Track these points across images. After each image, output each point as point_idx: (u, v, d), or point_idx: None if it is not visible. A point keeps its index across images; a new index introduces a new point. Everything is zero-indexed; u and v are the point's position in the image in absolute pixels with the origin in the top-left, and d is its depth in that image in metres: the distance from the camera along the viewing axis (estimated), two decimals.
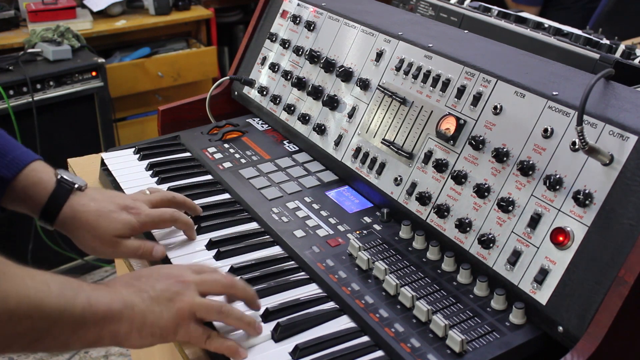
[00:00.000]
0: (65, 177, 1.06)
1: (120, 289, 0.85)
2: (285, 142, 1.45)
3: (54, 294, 0.76)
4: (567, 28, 1.38)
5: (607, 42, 1.29)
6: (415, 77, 1.18)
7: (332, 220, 1.15)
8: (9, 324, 0.72)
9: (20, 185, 1.04)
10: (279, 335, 0.92)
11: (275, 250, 1.12)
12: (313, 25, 1.46)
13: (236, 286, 0.94)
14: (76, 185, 1.06)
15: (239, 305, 0.95)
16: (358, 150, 1.24)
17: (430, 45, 1.19)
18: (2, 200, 1.05)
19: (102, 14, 3.34)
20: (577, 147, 0.91)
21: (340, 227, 1.13)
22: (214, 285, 0.92)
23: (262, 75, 1.56)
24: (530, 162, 0.96)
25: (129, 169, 1.38)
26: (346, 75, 1.31)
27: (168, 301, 0.87)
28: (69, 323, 0.78)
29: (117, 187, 1.32)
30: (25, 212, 1.07)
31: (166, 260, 1.09)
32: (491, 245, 0.97)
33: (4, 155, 1.03)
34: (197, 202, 1.24)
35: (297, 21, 1.50)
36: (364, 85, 1.27)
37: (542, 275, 0.90)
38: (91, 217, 1.04)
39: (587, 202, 0.88)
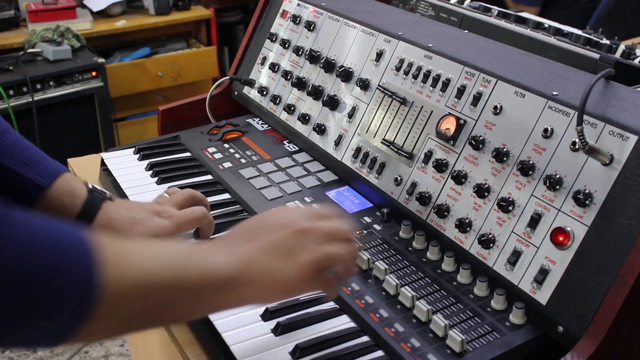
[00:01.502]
0: (96, 186, 1.07)
1: (238, 247, 0.79)
2: (285, 142, 1.45)
3: (169, 268, 0.72)
4: (567, 28, 1.38)
5: (607, 42, 1.29)
6: (415, 77, 1.18)
7: None
8: (124, 307, 0.68)
9: (54, 193, 1.04)
10: (278, 334, 0.92)
11: None
12: (313, 25, 1.46)
13: (355, 248, 0.86)
14: (107, 195, 1.07)
15: None
16: (358, 150, 1.24)
17: (430, 45, 1.19)
18: (34, 210, 1.05)
19: (102, 14, 3.34)
20: (577, 147, 0.91)
21: None
22: (334, 235, 0.84)
23: (262, 75, 1.56)
24: (530, 162, 0.96)
25: (129, 169, 1.38)
26: (346, 75, 1.31)
27: (290, 254, 0.79)
28: (189, 295, 0.73)
29: (117, 187, 1.32)
30: None
31: None
32: (491, 245, 0.97)
33: (38, 163, 1.04)
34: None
35: (297, 21, 1.50)
36: (364, 85, 1.27)
37: (542, 275, 0.90)
38: (126, 223, 1.03)
39: (587, 202, 0.88)
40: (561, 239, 0.89)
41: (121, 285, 0.67)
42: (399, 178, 1.15)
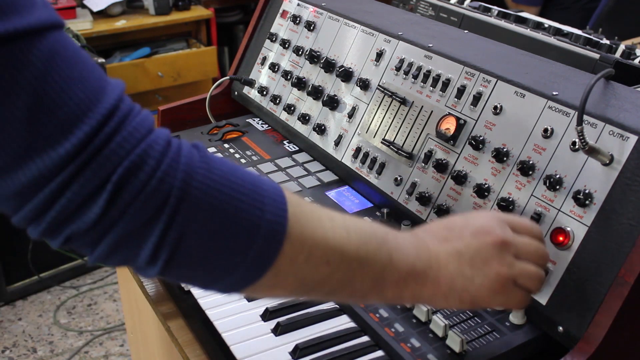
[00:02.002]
0: None
1: (430, 244, 0.76)
2: (285, 142, 1.45)
3: (354, 243, 0.69)
4: (567, 28, 1.38)
5: (607, 42, 1.29)
6: (415, 77, 1.18)
7: None
8: (306, 267, 0.66)
9: None
10: (278, 334, 0.92)
11: None
12: (313, 25, 1.46)
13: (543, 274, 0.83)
14: None
15: None
16: (358, 150, 1.24)
17: (430, 45, 1.19)
18: None
19: (102, 14, 3.34)
20: (577, 147, 0.91)
21: None
22: (533, 256, 0.81)
23: (262, 75, 1.56)
24: (530, 162, 0.96)
25: None
26: (346, 75, 1.31)
27: (483, 264, 0.76)
28: (368, 277, 0.71)
29: None
30: None
31: None
32: None
33: None
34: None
35: (297, 21, 1.50)
36: (364, 85, 1.27)
37: None
38: None
39: (587, 202, 0.88)
40: (561, 239, 0.89)
41: (308, 241, 0.66)
42: (399, 178, 1.15)
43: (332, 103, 1.32)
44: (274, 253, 0.64)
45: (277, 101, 1.47)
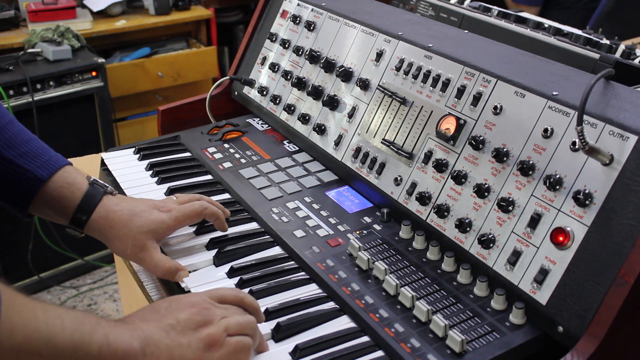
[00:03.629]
0: (97, 180, 1.08)
1: (140, 325, 0.79)
2: (285, 142, 1.45)
3: (68, 329, 0.70)
4: (567, 28, 1.38)
5: (607, 42, 1.29)
6: (415, 77, 1.18)
7: (332, 220, 1.15)
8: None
9: (54, 185, 1.04)
10: (279, 335, 0.92)
11: (275, 251, 1.12)
12: (313, 25, 1.46)
13: (245, 299, 0.91)
14: (108, 189, 1.07)
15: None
16: (358, 150, 1.24)
17: (430, 45, 1.19)
18: (33, 202, 1.05)
19: (102, 14, 3.34)
20: (577, 147, 0.91)
21: (340, 227, 1.13)
22: (228, 300, 0.89)
23: (262, 75, 1.56)
24: (530, 162, 0.96)
25: (129, 169, 1.38)
26: (346, 75, 1.31)
27: (194, 330, 0.81)
28: None
29: (117, 187, 1.32)
30: (55, 216, 1.07)
31: None
32: (491, 245, 0.97)
33: (39, 156, 1.04)
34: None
35: (297, 21, 1.50)
36: (364, 85, 1.27)
37: (542, 275, 0.90)
38: (124, 216, 1.04)
39: (587, 202, 0.88)
40: (561, 239, 0.89)
41: (18, 338, 0.65)
42: (399, 178, 1.15)
43: (332, 103, 1.32)
44: None
45: (277, 101, 1.47)
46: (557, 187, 0.92)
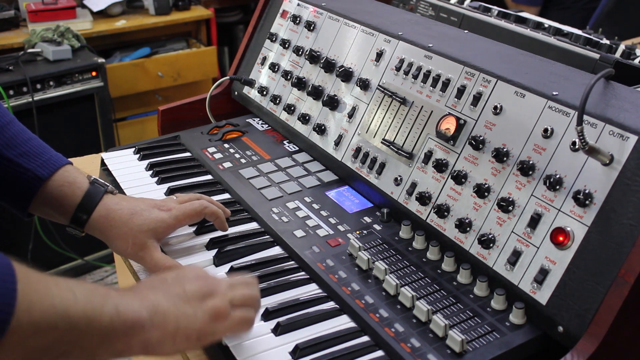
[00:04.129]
0: (98, 179, 1.08)
1: (148, 294, 0.80)
2: (285, 142, 1.45)
3: (81, 302, 0.71)
4: (567, 28, 1.38)
5: (607, 42, 1.29)
6: (415, 77, 1.18)
7: (332, 220, 1.15)
8: (34, 338, 0.67)
9: (55, 184, 1.04)
10: (278, 334, 0.92)
11: (275, 250, 1.12)
12: (313, 25, 1.46)
13: (258, 302, 0.92)
14: (109, 188, 1.08)
15: None
16: (358, 150, 1.24)
17: (430, 45, 1.19)
18: (33, 201, 1.05)
19: (102, 14, 3.34)
20: (577, 147, 0.91)
21: (340, 227, 1.13)
22: (245, 297, 0.89)
23: (262, 75, 1.56)
24: (530, 162, 0.96)
25: (129, 169, 1.38)
26: (346, 75, 1.31)
27: (200, 301, 0.83)
28: (96, 333, 0.73)
29: (117, 187, 1.32)
30: (55, 215, 1.07)
31: None
32: (491, 245, 0.97)
33: (39, 155, 1.05)
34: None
35: (297, 21, 1.50)
36: (364, 85, 1.27)
37: (542, 275, 0.90)
38: (125, 214, 1.04)
39: (587, 202, 0.88)
40: (561, 239, 0.89)
41: (36, 313, 0.66)
42: (399, 178, 1.15)
43: (332, 103, 1.32)
44: (1, 334, 0.63)
45: (277, 101, 1.47)
46: (557, 187, 0.92)
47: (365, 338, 0.92)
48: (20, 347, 0.66)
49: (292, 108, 1.43)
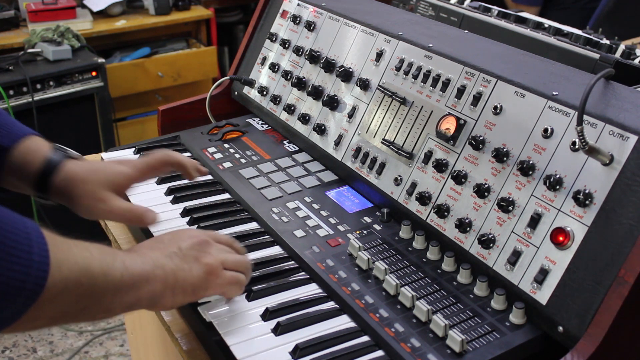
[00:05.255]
0: (64, 147, 1.09)
1: (148, 252, 0.88)
2: (285, 142, 1.45)
3: (97, 259, 0.78)
4: (567, 28, 1.38)
5: (607, 42, 1.29)
6: (415, 77, 1.18)
7: (332, 220, 1.15)
8: (64, 293, 0.73)
9: (18, 153, 1.05)
10: (278, 334, 0.92)
11: (275, 250, 1.12)
12: (313, 25, 1.46)
13: (234, 244, 0.99)
14: (72, 154, 1.08)
15: None
16: (358, 150, 1.24)
17: (430, 45, 1.19)
18: (2, 173, 1.06)
19: (102, 14, 3.34)
20: (577, 147, 0.91)
21: (340, 227, 1.14)
22: (224, 242, 0.97)
23: (262, 75, 1.56)
24: (530, 162, 0.96)
25: None
26: (346, 75, 1.31)
27: (195, 259, 0.90)
28: (111, 287, 0.79)
29: None
30: (21, 185, 1.07)
31: None
32: (491, 245, 0.97)
33: (3, 126, 1.05)
34: (197, 202, 1.24)
35: (297, 21, 1.50)
36: (364, 85, 1.27)
37: (542, 275, 0.90)
38: (84, 173, 1.04)
39: (587, 202, 0.88)
40: (561, 239, 0.89)
41: (65, 271, 0.73)
42: (399, 178, 1.15)
43: (332, 103, 1.32)
44: (39, 292, 0.69)
45: (277, 101, 1.47)
46: (557, 187, 0.92)
47: (365, 338, 0.92)
48: (52, 303, 0.72)
49: (292, 108, 1.43)
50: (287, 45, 1.51)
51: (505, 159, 1.00)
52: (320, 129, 1.34)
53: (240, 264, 0.96)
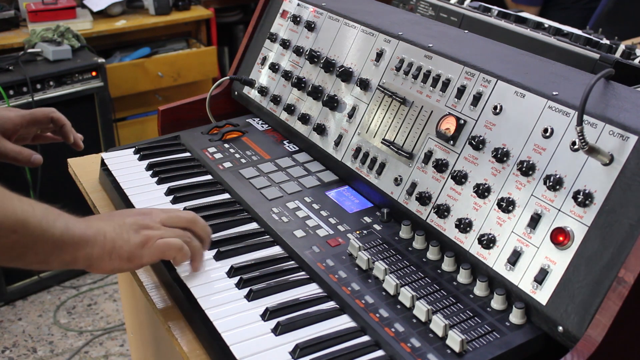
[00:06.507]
0: None
1: (94, 221, 0.96)
2: (285, 142, 1.45)
3: (38, 215, 0.86)
4: (567, 28, 1.39)
5: (607, 42, 1.29)
6: (415, 77, 1.18)
7: (332, 220, 1.15)
8: None
9: None
10: (278, 334, 0.92)
11: (275, 250, 1.12)
12: (313, 25, 1.46)
13: (197, 222, 1.06)
14: None
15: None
16: (358, 150, 1.24)
17: (430, 45, 1.19)
18: None
19: (102, 14, 3.34)
20: (577, 147, 0.91)
21: (340, 227, 1.14)
22: (177, 220, 1.04)
23: (262, 75, 1.56)
24: (530, 162, 0.96)
25: (129, 169, 1.38)
26: (346, 75, 1.31)
27: (136, 230, 0.98)
28: (49, 242, 0.87)
29: (117, 187, 1.32)
30: None
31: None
32: (491, 245, 0.97)
33: None
34: (197, 202, 1.24)
35: (297, 21, 1.50)
36: (364, 85, 1.27)
37: (542, 275, 0.90)
38: None
39: (587, 202, 0.88)
40: (561, 239, 0.89)
41: None
42: (399, 178, 1.15)
43: (332, 103, 1.32)
44: None
45: (277, 101, 1.47)
46: (557, 187, 0.92)
47: (365, 338, 0.92)
48: None
49: (292, 108, 1.43)
50: (287, 45, 1.51)
51: (505, 159, 1.00)
52: (320, 129, 1.34)
53: (177, 219, 1.04)
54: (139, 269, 1.07)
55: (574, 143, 0.92)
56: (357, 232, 1.12)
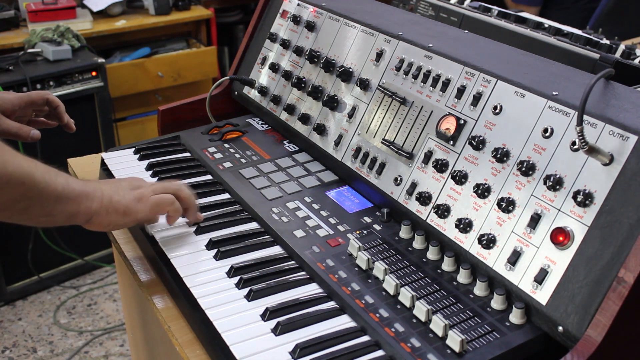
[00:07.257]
0: None
1: (92, 182, 1.05)
2: (285, 142, 1.45)
3: (41, 170, 0.93)
4: (567, 28, 1.39)
5: (607, 42, 1.29)
6: (415, 77, 1.18)
7: (332, 220, 1.15)
8: (7, 187, 0.88)
9: None
10: (278, 334, 0.92)
11: (275, 250, 1.12)
12: (313, 25, 1.46)
13: (183, 191, 1.14)
14: None
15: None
16: (358, 150, 1.24)
17: (430, 45, 1.19)
18: None
19: (102, 14, 3.34)
20: (577, 147, 0.91)
21: (340, 227, 1.14)
22: (164, 188, 1.13)
23: (262, 75, 1.56)
24: (530, 162, 0.96)
25: (129, 169, 1.38)
26: (346, 75, 1.31)
27: (131, 190, 1.08)
28: (52, 196, 0.94)
29: None
30: None
31: (162, 254, 1.11)
32: (491, 245, 0.97)
33: None
34: (197, 202, 1.24)
35: (297, 21, 1.50)
36: (364, 85, 1.27)
37: (542, 275, 0.90)
38: None
39: (587, 202, 0.88)
40: (561, 239, 0.89)
41: (8, 169, 0.87)
42: (399, 178, 1.15)
43: (332, 103, 1.32)
44: None
45: (277, 101, 1.47)
46: (557, 187, 0.92)
47: (365, 338, 0.92)
48: None
49: (292, 108, 1.43)
50: (287, 45, 1.51)
51: (505, 159, 1.00)
52: (320, 129, 1.34)
53: (168, 187, 1.13)
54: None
55: (574, 143, 0.92)
56: (357, 232, 1.12)
